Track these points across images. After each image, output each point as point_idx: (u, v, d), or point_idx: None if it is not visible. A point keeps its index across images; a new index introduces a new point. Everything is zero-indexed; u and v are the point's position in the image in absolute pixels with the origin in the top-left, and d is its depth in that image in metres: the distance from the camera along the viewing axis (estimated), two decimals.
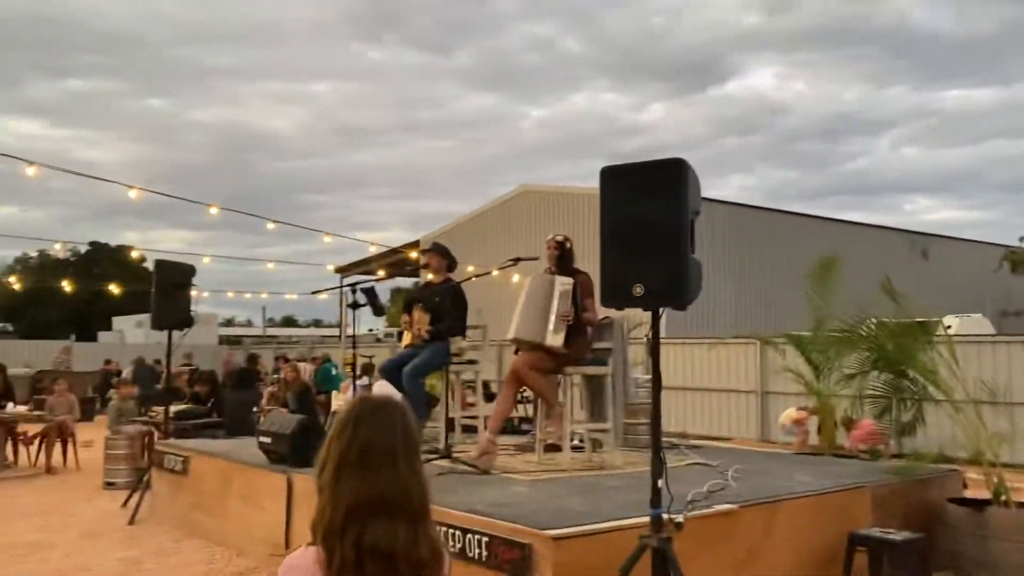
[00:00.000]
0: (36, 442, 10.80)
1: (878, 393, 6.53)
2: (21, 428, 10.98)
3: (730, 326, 18.77)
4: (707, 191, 4.07)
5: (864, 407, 6.75)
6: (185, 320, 8.13)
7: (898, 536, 4.73)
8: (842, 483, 5.29)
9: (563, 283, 5.86)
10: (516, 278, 13.93)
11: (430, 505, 1.76)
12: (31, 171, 9.27)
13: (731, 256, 20.83)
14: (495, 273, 9.30)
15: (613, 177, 3.80)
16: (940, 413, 6.02)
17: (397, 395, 6.71)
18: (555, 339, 5.74)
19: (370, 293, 6.60)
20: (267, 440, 6.23)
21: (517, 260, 6.41)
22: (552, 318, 5.75)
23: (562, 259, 6.11)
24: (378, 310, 6.80)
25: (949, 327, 17.71)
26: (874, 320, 6.45)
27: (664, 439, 7.79)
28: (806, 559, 4.70)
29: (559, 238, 6.18)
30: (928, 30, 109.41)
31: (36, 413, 11.23)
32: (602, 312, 5.94)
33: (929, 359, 5.88)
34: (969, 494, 5.86)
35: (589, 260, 3.81)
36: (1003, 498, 5.23)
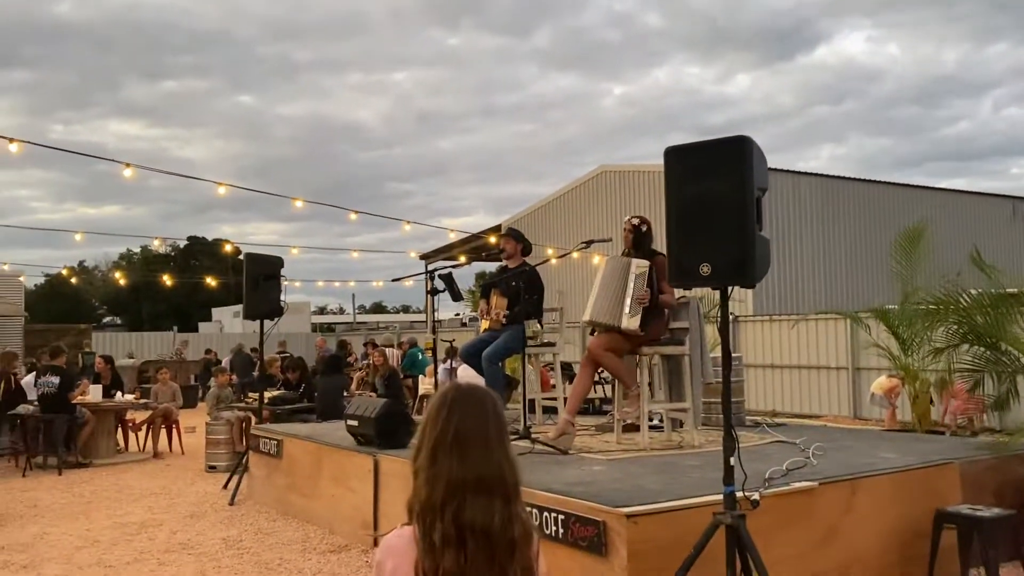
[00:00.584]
0: (143, 429, 11.44)
1: (970, 367, 6.32)
2: (129, 416, 11.65)
3: (820, 301, 18.32)
4: (796, 163, 4.06)
5: (954, 382, 6.54)
6: (275, 310, 8.46)
7: (988, 513, 4.59)
8: (929, 459, 5.16)
9: (639, 265, 5.85)
10: (596, 260, 13.94)
11: (521, 486, 1.83)
12: (128, 172, 9.77)
13: (820, 229, 20.26)
14: (575, 256, 9.32)
15: (677, 157, 3.81)
16: None
17: (477, 378, 6.87)
18: (631, 322, 5.75)
19: (448, 279, 6.74)
20: (354, 423, 6.46)
21: (589, 243, 6.44)
22: (628, 301, 5.75)
23: (639, 241, 6.10)
24: (456, 295, 6.94)
25: None
26: (966, 292, 6.24)
27: (748, 417, 7.80)
28: (890, 537, 4.62)
29: (635, 221, 6.16)
30: None
31: (142, 401, 11.90)
32: (678, 293, 5.94)
33: (1023, 331, 5.66)
34: None
35: (666, 236, 3.83)
36: None
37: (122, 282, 39.54)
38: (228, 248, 38.14)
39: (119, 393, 11.35)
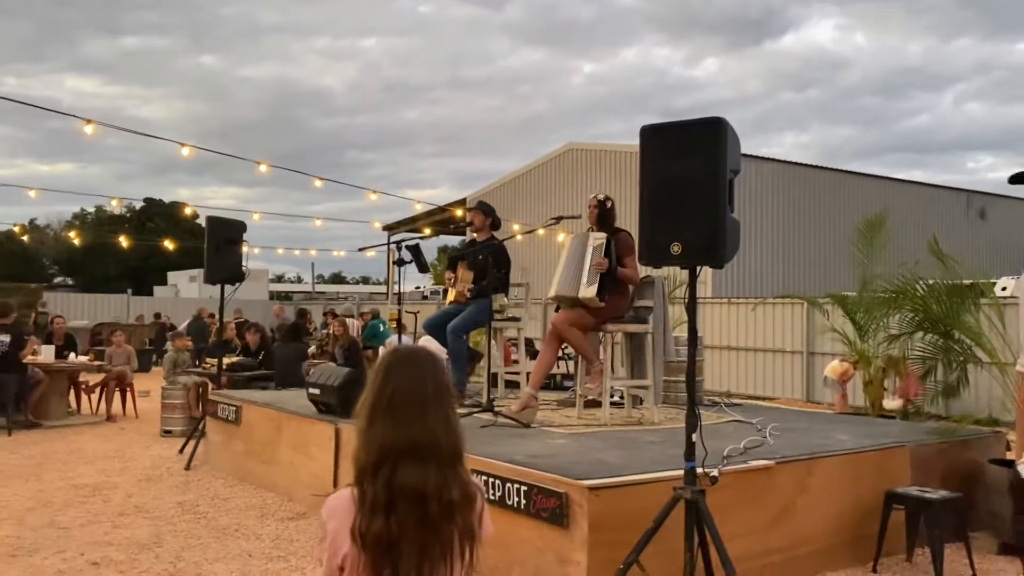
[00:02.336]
0: (97, 391, 11.26)
1: (923, 354, 6.48)
2: (83, 377, 11.45)
3: (779, 286, 18.60)
4: (760, 148, 4.11)
5: (908, 368, 6.71)
6: (236, 275, 8.35)
7: (936, 495, 4.74)
8: (881, 443, 5.30)
9: (596, 238, 5.95)
10: (561, 237, 13.96)
11: (462, 450, 1.83)
12: (89, 129, 9.53)
13: (781, 215, 20.54)
14: (539, 232, 9.34)
15: (653, 135, 3.82)
16: (986, 376, 5.97)
17: (441, 350, 6.87)
18: (588, 291, 5.82)
19: (415, 250, 6.73)
20: (316, 391, 6.43)
21: (559, 219, 6.47)
22: (586, 269, 5.84)
23: (602, 218, 6.16)
24: (423, 267, 6.93)
25: (1004, 289, 17.33)
26: (923, 281, 6.39)
27: (706, 397, 7.92)
28: (842, 517, 4.75)
29: (600, 197, 6.22)
30: None
31: (96, 364, 11.70)
32: (643, 271, 5.99)
33: (975, 320, 5.81)
34: (1011, 456, 5.82)
35: (636, 218, 3.85)
36: None
37: (76, 242, 38.66)
38: (187, 211, 37.45)
39: (72, 354, 11.15)
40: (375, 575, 1.72)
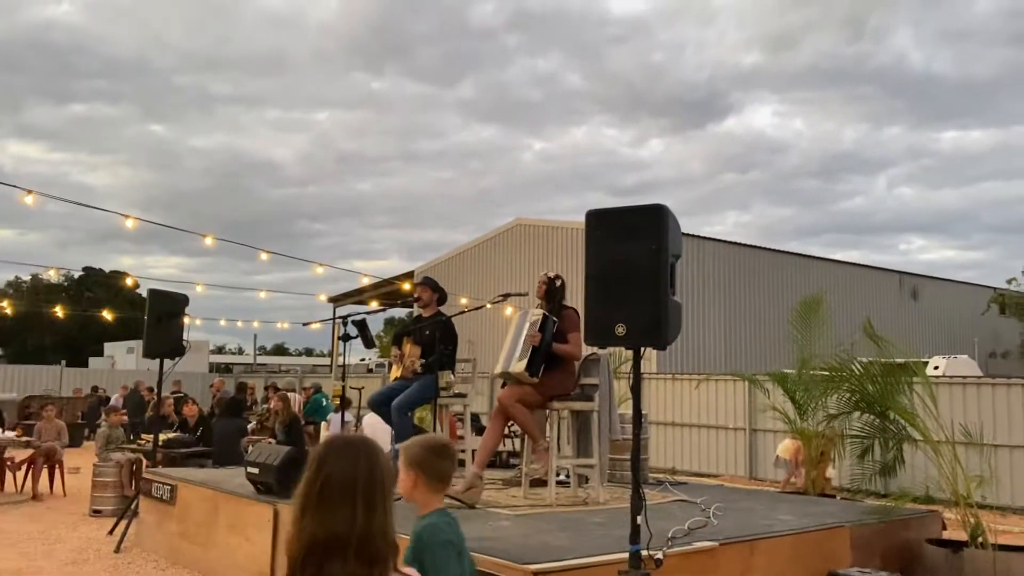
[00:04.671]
0: (23, 468, 10.78)
1: (860, 433, 6.61)
2: (8, 453, 10.97)
3: (722, 361, 18.88)
4: (702, 228, 4.22)
5: (846, 447, 6.83)
6: (177, 349, 8.18)
7: (876, 575, 4.79)
8: (822, 522, 5.36)
9: (534, 314, 6.04)
10: (508, 311, 14.04)
11: (393, 547, 1.77)
12: (29, 199, 9.36)
13: (723, 293, 20.99)
14: (488, 307, 9.39)
15: (598, 220, 3.93)
16: (922, 455, 6.11)
17: (385, 428, 6.79)
18: (518, 365, 5.85)
19: (361, 325, 6.69)
20: (254, 471, 6.27)
21: (507, 296, 6.54)
22: (520, 345, 5.90)
23: (550, 295, 6.24)
24: (369, 342, 6.89)
25: (936, 368, 17.82)
26: (858, 361, 6.56)
27: (651, 475, 7.93)
28: None
29: (551, 275, 6.32)
30: (926, 71, 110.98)
31: (24, 439, 11.23)
32: (588, 350, 6.06)
33: (909, 400, 5.97)
34: (948, 535, 5.93)
35: (583, 295, 3.93)
36: (980, 540, 5.30)
37: (8, 311, 37.48)
38: (128, 281, 36.71)
39: None
40: None
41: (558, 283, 6.28)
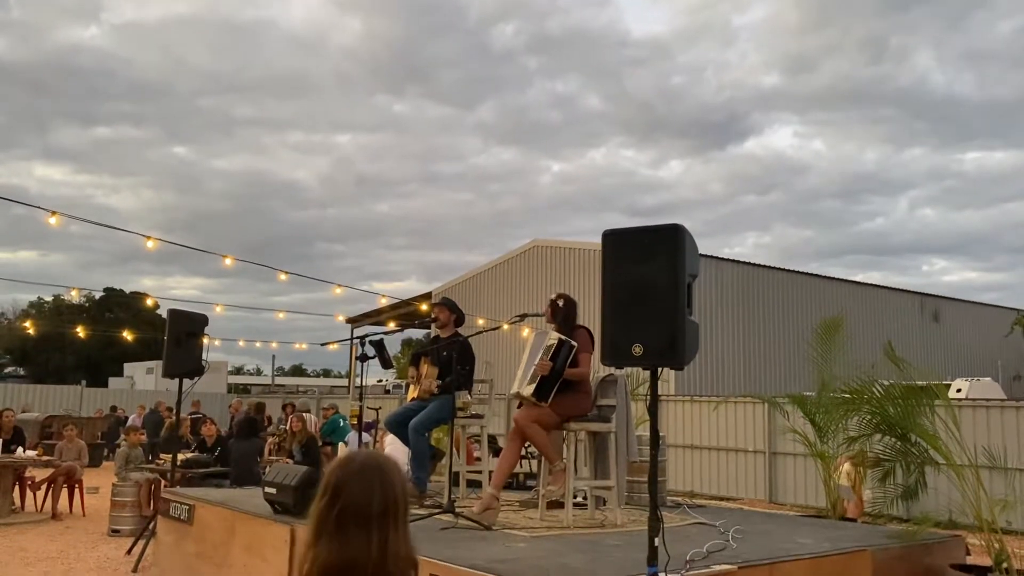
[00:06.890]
0: (43, 487, 10.86)
1: (881, 456, 6.54)
2: (29, 473, 11.05)
3: (741, 383, 18.76)
4: (722, 249, 4.23)
5: (867, 470, 6.75)
6: (196, 369, 8.24)
7: None
8: (843, 546, 5.28)
9: (551, 337, 5.99)
10: (526, 332, 14.03)
11: (409, 562, 1.74)
12: (53, 220, 9.50)
13: (741, 315, 20.88)
14: (505, 328, 9.39)
15: (615, 240, 3.93)
16: (945, 478, 6.03)
17: (403, 449, 6.79)
18: (527, 389, 5.83)
19: (379, 346, 6.71)
20: (272, 491, 6.27)
21: (523, 316, 6.52)
22: (531, 370, 5.88)
23: (556, 316, 6.20)
24: (386, 363, 6.89)
25: (959, 391, 17.61)
26: (879, 383, 6.50)
27: (669, 498, 7.86)
28: None
29: (553, 296, 6.29)
30: (947, 93, 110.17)
31: (45, 458, 11.31)
32: (605, 370, 6.03)
33: (931, 423, 5.90)
34: (972, 560, 5.83)
35: (599, 316, 3.93)
36: (1004, 565, 5.21)
37: (31, 331, 37.89)
38: (148, 301, 37.04)
39: (20, 448, 10.79)
40: None
41: (561, 303, 6.21)
